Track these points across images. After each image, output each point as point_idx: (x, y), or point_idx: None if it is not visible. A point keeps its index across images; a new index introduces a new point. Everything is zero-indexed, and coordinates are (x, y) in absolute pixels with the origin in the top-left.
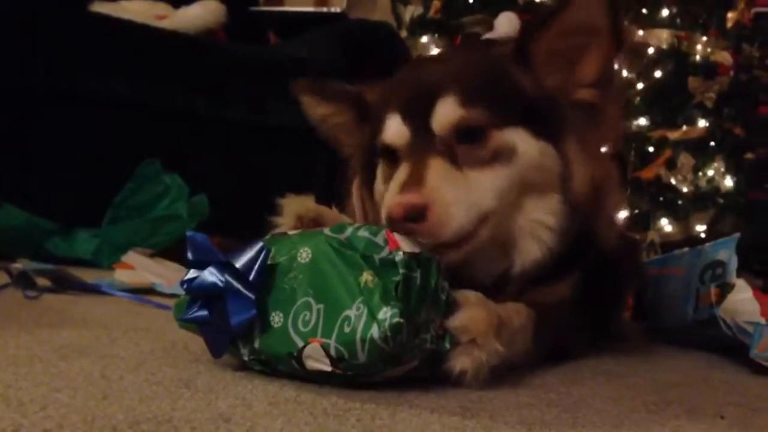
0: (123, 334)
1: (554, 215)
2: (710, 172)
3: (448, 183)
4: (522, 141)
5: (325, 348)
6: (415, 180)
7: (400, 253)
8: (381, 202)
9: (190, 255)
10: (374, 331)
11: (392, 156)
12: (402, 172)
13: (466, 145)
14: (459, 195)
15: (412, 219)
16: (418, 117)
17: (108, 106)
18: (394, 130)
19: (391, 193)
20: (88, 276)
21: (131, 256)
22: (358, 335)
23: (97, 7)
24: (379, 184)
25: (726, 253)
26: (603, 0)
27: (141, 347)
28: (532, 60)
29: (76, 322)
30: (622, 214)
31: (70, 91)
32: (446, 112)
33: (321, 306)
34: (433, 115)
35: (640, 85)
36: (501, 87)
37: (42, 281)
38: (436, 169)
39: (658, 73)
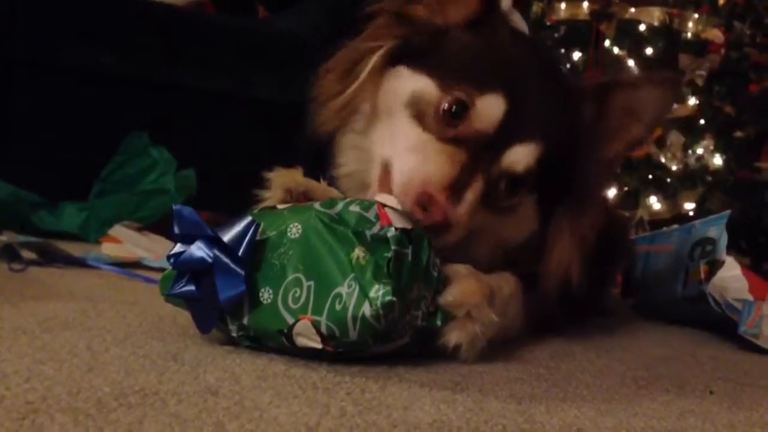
0: (109, 308)
1: (498, 254)
2: (699, 150)
3: (472, 215)
4: (526, 208)
5: (316, 325)
6: (461, 191)
7: (392, 228)
8: (388, 102)
9: (176, 229)
10: (366, 309)
11: (454, 111)
12: (458, 161)
13: (502, 191)
14: (467, 227)
15: (433, 226)
16: (505, 132)
17: (93, 77)
18: (489, 113)
19: (440, 169)
20: (75, 249)
21: (118, 230)
22: (350, 313)
23: None
24: (404, 84)
25: (716, 230)
26: (668, 103)
27: (128, 320)
28: (603, 121)
29: (62, 295)
30: (612, 193)
31: (53, 62)
32: (525, 158)
33: (311, 282)
34: (515, 149)
35: (630, 62)
36: (563, 155)
37: (28, 254)
38: (476, 197)
39: (649, 50)
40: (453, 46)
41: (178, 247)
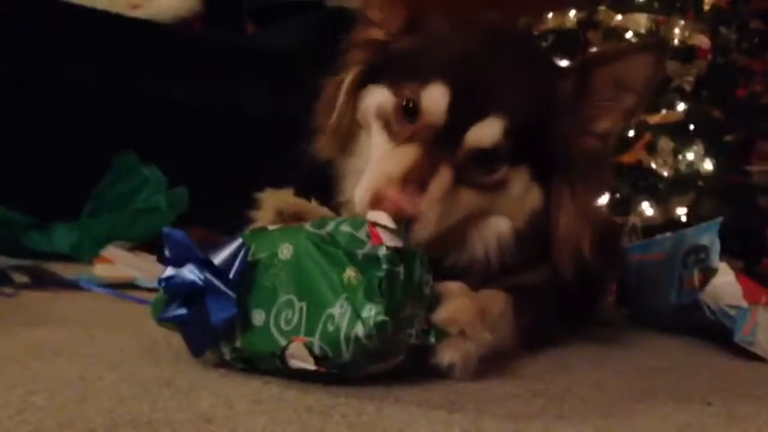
0: (102, 332)
1: (505, 237)
2: (690, 156)
3: (442, 201)
4: (518, 181)
5: (309, 347)
6: (419, 181)
7: (384, 248)
8: (364, 119)
9: (167, 252)
10: (359, 330)
11: (409, 110)
12: (411, 154)
13: (479, 170)
14: (444, 215)
15: (400, 219)
16: (459, 115)
17: (81, 95)
18: (435, 105)
19: (388, 170)
20: (67, 271)
21: (111, 250)
22: (343, 334)
23: None
24: (367, 100)
25: (708, 237)
26: (656, 68)
27: (120, 345)
28: (589, 93)
29: (54, 320)
30: (604, 199)
31: (38, 78)
32: (489, 134)
33: (303, 304)
34: (474, 128)
35: None
36: (538, 125)
37: (19, 278)
38: (441, 183)
39: None
40: (398, 53)
41: (169, 271)
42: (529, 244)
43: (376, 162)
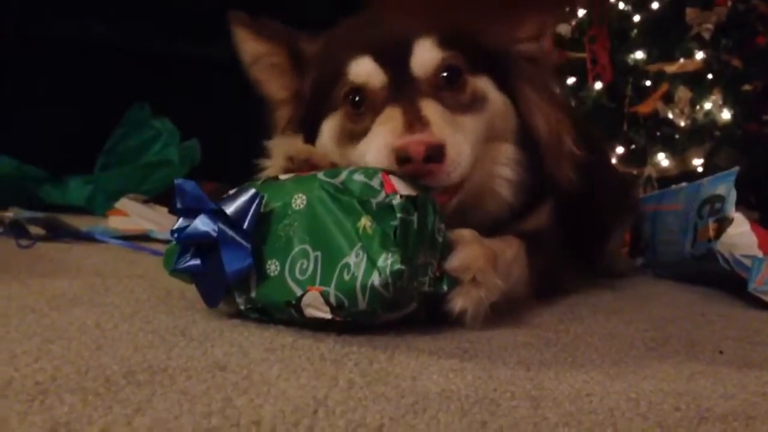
0: (117, 282)
1: (511, 167)
2: (707, 105)
3: (449, 124)
4: (491, 92)
5: (325, 296)
6: (418, 121)
7: (397, 196)
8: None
9: (178, 203)
10: (375, 278)
11: (357, 103)
12: (393, 115)
13: (448, 90)
14: (463, 138)
15: (430, 159)
16: (394, 59)
17: (88, 49)
18: (368, 72)
19: (388, 133)
20: (82, 223)
21: (124, 203)
22: (359, 283)
23: None
24: (326, 138)
25: (725, 187)
26: None
27: (136, 295)
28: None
29: (70, 270)
30: (619, 150)
31: (49, 34)
32: (428, 55)
33: (318, 253)
34: (413, 58)
35: (636, 18)
36: (468, 36)
37: (35, 230)
38: (435, 111)
39: (655, 5)
40: (313, 89)
41: (181, 222)
42: (528, 166)
43: (367, 146)
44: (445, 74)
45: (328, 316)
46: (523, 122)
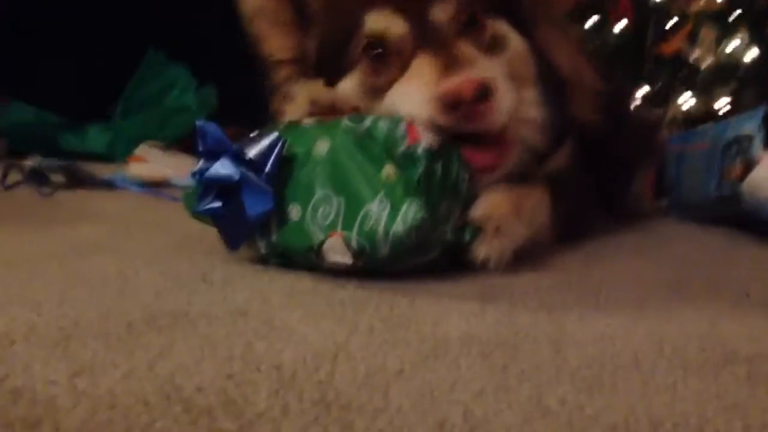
0: (138, 229)
1: (535, 110)
2: (733, 44)
3: (485, 62)
4: (509, 31)
5: (347, 241)
6: (456, 62)
7: (422, 144)
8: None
9: (200, 145)
10: (398, 225)
11: (379, 56)
12: (426, 61)
13: (468, 33)
14: (501, 76)
15: (480, 98)
16: (411, 7)
17: None
18: (387, 22)
19: (426, 81)
20: (102, 170)
21: (144, 149)
22: (381, 229)
23: None
24: (349, 88)
25: (752, 126)
26: None
27: (156, 241)
28: None
29: (91, 218)
30: (642, 91)
31: None
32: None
33: (341, 199)
34: (431, 3)
35: None
36: None
37: (55, 177)
38: (470, 52)
39: None
40: (319, 45)
41: (203, 164)
42: (551, 106)
43: (403, 95)
44: (463, 18)
45: (349, 261)
46: (543, 62)
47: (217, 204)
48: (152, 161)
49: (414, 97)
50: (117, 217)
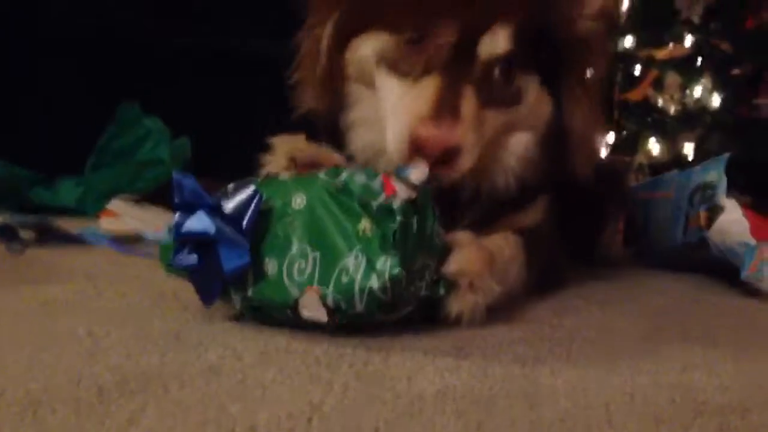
0: (109, 286)
1: (529, 149)
2: (698, 90)
3: (475, 123)
4: (532, 88)
5: (323, 297)
6: (451, 110)
7: (398, 199)
8: (361, 71)
9: (176, 198)
10: (373, 281)
11: (417, 39)
12: (431, 87)
13: (499, 82)
14: (479, 137)
15: (443, 158)
16: (466, 32)
17: (79, 47)
18: (439, 26)
19: (418, 108)
20: (73, 225)
21: (116, 203)
22: (357, 285)
23: None
24: (364, 53)
25: (716, 173)
26: None
27: (128, 299)
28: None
29: (62, 275)
30: (610, 138)
31: (40, 34)
32: (497, 45)
33: (317, 254)
34: (485, 38)
35: (626, 3)
36: (538, 26)
37: (26, 234)
38: (471, 103)
39: None
40: None
41: (179, 217)
42: (547, 153)
43: (396, 106)
44: (500, 66)
45: (325, 318)
46: (559, 113)
47: (193, 258)
48: (124, 215)
49: (400, 117)
50: (88, 275)
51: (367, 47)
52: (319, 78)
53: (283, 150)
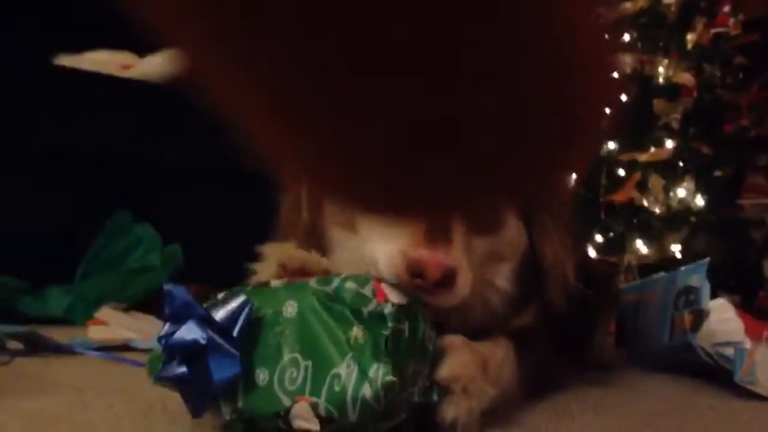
0: (97, 398)
1: (506, 280)
2: (681, 192)
3: (465, 248)
4: (511, 217)
5: (314, 407)
6: (441, 235)
7: (389, 305)
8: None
9: (167, 309)
10: (366, 390)
11: None
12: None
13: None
14: (469, 262)
15: (442, 282)
16: None
17: (69, 157)
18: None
19: (407, 238)
20: (62, 334)
21: (105, 312)
22: (349, 394)
23: (62, 61)
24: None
25: (697, 278)
26: None
27: (116, 411)
28: None
29: (48, 387)
30: (598, 239)
31: (33, 146)
32: None
33: (309, 363)
34: None
35: (607, 110)
36: None
37: (13, 345)
38: (460, 228)
39: (623, 97)
40: None
41: (168, 327)
42: (524, 282)
43: (384, 235)
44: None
45: (317, 428)
46: (531, 246)
47: (183, 369)
48: (113, 324)
49: (390, 248)
50: (75, 386)
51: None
52: (302, 230)
53: (274, 257)
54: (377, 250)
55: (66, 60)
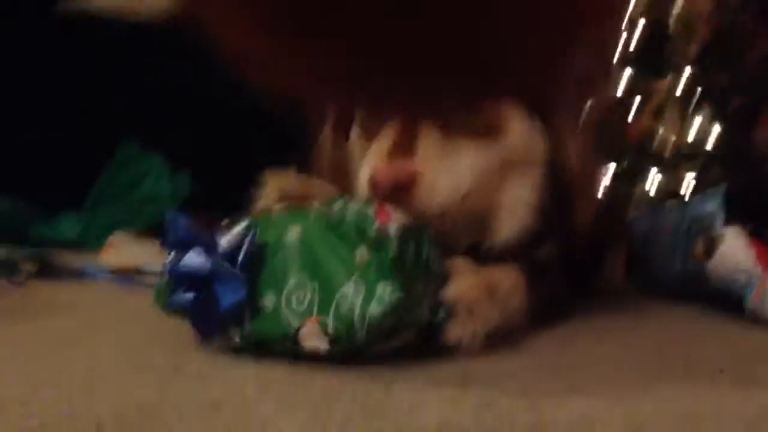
0: (110, 321)
1: (534, 190)
2: (697, 122)
3: (437, 154)
4: (514, 119)
5: (323, 326)
6: (406, 147)
7: (393, 225)
8: (355, 159)
9: (170, 237)
10: (373, 308)
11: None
12: (389, 133)
13: (460, 116)
14: (447, 167)
15: (399, 187)
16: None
17: (80, 84)
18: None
19: (375, 155)
20: (74, 259)
21: (117, 238)
22: (357, 312)
23: None
24: (355, 136)
25: (712, 205)
26: None
27: (128, 333)
28: None
29: (62, 309)
30: (610, 168)
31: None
32: None
33: (315, 284)
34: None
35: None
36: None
37: (26, 267)
38: (428, 139)
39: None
40: None
41: (173, 256)
42: (547, 206)
43: (364, 162)
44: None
45: (326, 346)
46: (555, 149)
47: (189, 296)
48: (124, 250)
49: (367, 163)
50: (88, 308)
51: (355, 131)
52: (327, 168)
53: (275, 184)
54: (361, 173)
55: None
